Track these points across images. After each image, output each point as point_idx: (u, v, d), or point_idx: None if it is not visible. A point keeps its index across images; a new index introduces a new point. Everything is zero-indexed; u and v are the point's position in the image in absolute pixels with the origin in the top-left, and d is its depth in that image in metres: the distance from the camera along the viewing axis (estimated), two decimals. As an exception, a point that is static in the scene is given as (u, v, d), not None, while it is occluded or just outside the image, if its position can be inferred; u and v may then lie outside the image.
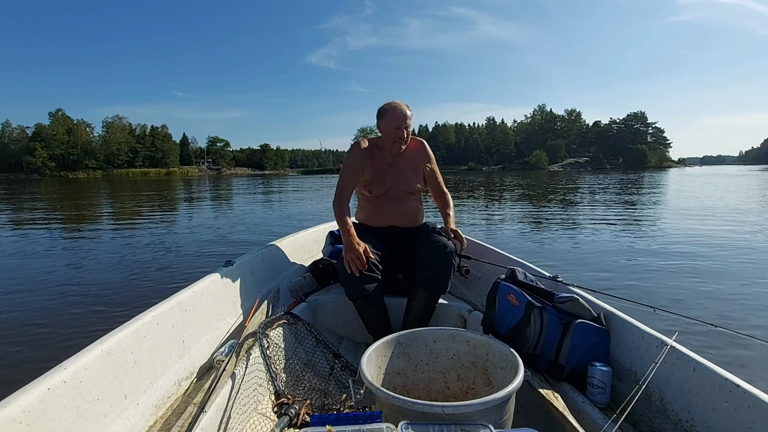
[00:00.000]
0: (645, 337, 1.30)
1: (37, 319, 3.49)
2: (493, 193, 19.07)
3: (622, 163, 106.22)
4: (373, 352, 1.32)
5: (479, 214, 11.07)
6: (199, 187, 30.39)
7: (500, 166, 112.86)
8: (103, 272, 5.04)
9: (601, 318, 1.42)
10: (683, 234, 7.44)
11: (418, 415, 1.04)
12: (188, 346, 1.43)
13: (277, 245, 2.40)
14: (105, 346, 1.09)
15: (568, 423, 1.11)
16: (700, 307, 3.63)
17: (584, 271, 4.86)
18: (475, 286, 2.24)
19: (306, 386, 1.53)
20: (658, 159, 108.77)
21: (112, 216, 11.81)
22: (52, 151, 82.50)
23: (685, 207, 12.29)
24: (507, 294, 1.58)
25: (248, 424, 1.38)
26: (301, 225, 2.92)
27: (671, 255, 5.75)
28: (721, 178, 36.37)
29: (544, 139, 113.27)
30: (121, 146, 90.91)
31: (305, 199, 18.13)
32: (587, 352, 1.36)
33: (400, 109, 2.01)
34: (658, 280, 4.49)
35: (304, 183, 37.71)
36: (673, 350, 1.17)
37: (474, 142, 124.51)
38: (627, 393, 1.26)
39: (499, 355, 1.33)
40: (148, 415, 1.17)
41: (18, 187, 33.90)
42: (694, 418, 1.07)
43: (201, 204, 16.12)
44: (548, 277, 1.79)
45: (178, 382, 1.32)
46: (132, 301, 3.86)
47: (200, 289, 1.57)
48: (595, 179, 35.03)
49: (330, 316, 2.12)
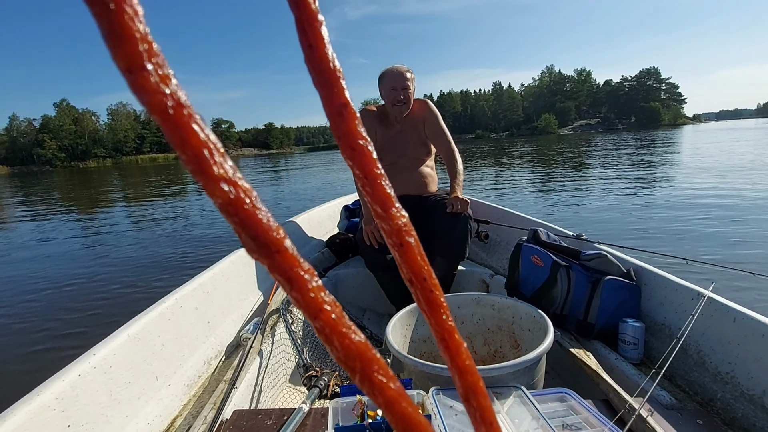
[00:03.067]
0: (679, 290, 1.26)
1: (62, 305, 3.58)
2: (502, 161, 18.80)
3: (635, 123, 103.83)
4: (397, 321, 1.31)
5: (490, 182, 10.94)
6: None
7: (508, 133, 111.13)
8: (122, 259, 5.11)
9: (630, 273, 1.39)
10: (705, 187, 7.25)
11: (447, 381, 1.03)
12: (213, 326, 1.43)
13: (293, 222, 2.39)
14: (131, 330, 1.09)
15: (603, 380, 1.09)
16: (736, 255, 3.51)
17: (608, 229, 4.75)
18: (495, 251, 2.21)
19: (332, 358, 1.53)
20: (672, 116, 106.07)
21: (127, 204, 11.94)
22: (61, 142, 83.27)
23: (703, 162, 11.98)
24: (531, 255, 1.55)
25: (279, 397, 1.39)
26: (314, 201, 2.90)
27: (697, 207, 5.59)
28: (739, 132, 35.32)
29: (553, 101, 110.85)
30: (128, 133, 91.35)
31: (313, 175, 18.10)
32: (617, 308, 1.33)
33: (397, 70, 1.95)
34: (687, 233, 4.36)
35: (310, 160, 37.63)
36: (711, 301, 1.14)
37: (480, 109, 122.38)
38: (660, 348, 1.23)
39: (526, 317, 1.31)
40: (180, 394, 1.18)
41: (31, 179, 34.41)
42: (735, 370, 1.04)
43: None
44: (572, 236, 1.74)
45: (207, 361, 1.34)
46: (153, 286, 3.92)
47: (220, 270, 1.58)
48: (607, 140, 34.31)
49: (351, 289, 2.12)
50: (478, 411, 0.17)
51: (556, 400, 0.97)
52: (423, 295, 0.16)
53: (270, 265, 0.14)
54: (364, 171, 0.15)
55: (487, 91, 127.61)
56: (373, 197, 0.16)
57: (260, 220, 0.13)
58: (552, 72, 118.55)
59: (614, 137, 40.34)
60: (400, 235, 0.16)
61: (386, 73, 1.97)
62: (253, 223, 0.13)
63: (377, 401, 0.15)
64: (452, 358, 0.17)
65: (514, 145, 39.50)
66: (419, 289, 0.16)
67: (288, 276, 0.14)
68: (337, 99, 0.15)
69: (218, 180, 0.12)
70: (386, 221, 0.16)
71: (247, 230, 0.13)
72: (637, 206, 6.02)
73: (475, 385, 0.17)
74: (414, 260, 0.16)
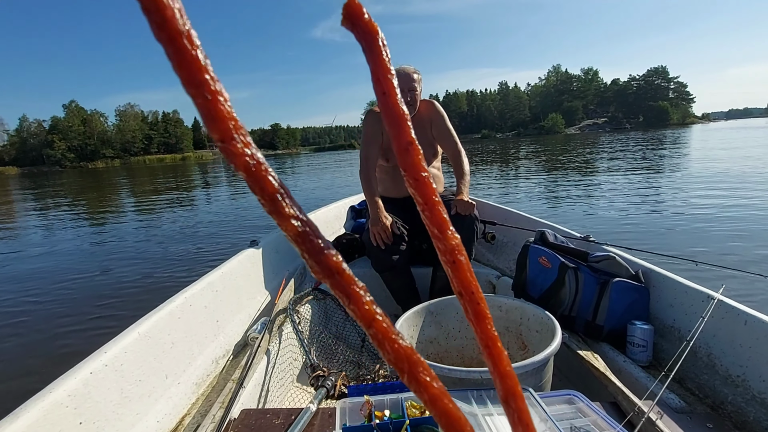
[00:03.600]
0: (688, 292, 1.25)
1: (73, 305, 3.61)
2: (509, 161, 18.73)
3: (643, 122, 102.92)
4: (404, 321, 1.31)
5: (496, 182, 10.90)
6: (215, 171, 30.67)
7: (515, 132, 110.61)
8: (131, 259, 5.15)
9: (639, 275, 1.38)
10: (714, 188, 7.15)
11: (455, 382, 1.03)
12: (222, 325, 1.45)
13: None
14: (142, 329, 1.11)
15: (611, 383, 1.08)
16: (746, 258, 3.48)
17: (616, 231, 4.71)
18: (502, 252, 2.21)
19: (339, 359, 1.54)
20: (681, 115, 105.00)
21: (136, 204, 12.03)
22: (70, 143, 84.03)
23: (712, 162, 11.84)
24: (538, 256, 1.54)
25: (286, 397, 1.40)
26: (320, 202, 2.92)
27: (706, 209, 5.53)
28: (749, 131, 34.90)
29: (560, 101, 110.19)
30: (136, 134, 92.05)
31: (319, 175, 18.14)
32: (626, 310, 1.32)
33: (403, 72, 1.94)
34: (696, 234, 4.32)
35: (316, 160, 37.70)
36: (721, 304, 1.13)
37: (487, 109, 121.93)
38: (669, 351, 1.22)
39: (534, 319, 1.31)
40: (189, 393, 1.19)
41: (42, 180, 34.78)
42: (746, 373, 1.03)
43: (218, 187, 16.29)
44: (579, 237, 1.74)
45: (215, 360, 1.35)
46: (163, 285, 3.95)
47: (229, 270, 1.59)
48: (614, 140, 34.05)
49: None
50: (516, 413, 0.19)
51: (564, 402, 0.96)
52: (471, 307, 0.19)
53: (332, 284, 0.16)
54: (425, 198, 0.18)
55: (494, 91, 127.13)
56: (432, 221, 0.18)
57: (323, 248, 0.16)
58: (559, 71, 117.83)
59: (622, 137, 40.01)
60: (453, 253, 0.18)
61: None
62: (318, 250, 0.16)
63: (422, 398, 0.17)
64: (495, 363, 0.19)
65: (520, 144, 39.33)
66: (468, 301, 0.19)
67: (347, 292, 0.16)
68: (404, 137, 0.18)
69: (289, 218, 0.16)
70: (442, 242, 0.18)
71: (314, 256, 0.16)
72: (645, 207, 5.97)
73: (514, 388, 0.19)
74: (464, 276, 0.18)
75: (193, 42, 0.14)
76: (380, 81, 0.17)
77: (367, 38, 0.17)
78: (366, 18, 0.17)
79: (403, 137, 0.17)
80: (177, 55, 0.14)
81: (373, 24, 0.17)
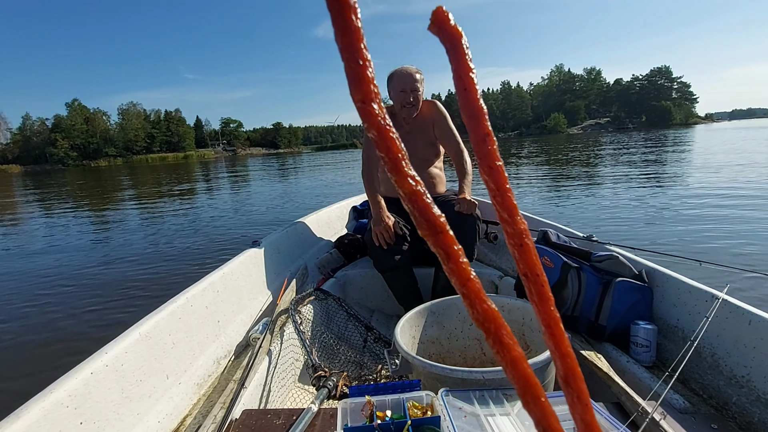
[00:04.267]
0: (692, 292, 1.24)
1: (74, 304, 3.62)
2: (511, 160, 18.69)
3: (646, 122, 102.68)
4: (406, 322, 1.31)
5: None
6: (217, 170, 30.73)
7: (517, 132, 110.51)
8: (133, 258, 5.16)
9: (642, 275, 1.37)
10: (718, 187, 7.12)
11: (456, 382, 1.02)
12: (223, 325, 1.44)
13: (302, 223, 2.40)
14: (143, 329, 1.10)
15: (614, 383, 1.08)
16: (751, 257, 3.46)
17: (619, 230, 4.70)
18: (504, 252, 2.20)
19: (341, 359, 1.54)
20: (684, 115, 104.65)
21: (138, 203, 12.04)
22: (73, 141, 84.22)
23: (716, 162, 11.80)
24: (540, 256, 1.53)
25: (288, 397, 1.40)
26: (323, 202, 2.91)
27: (710, 208, 5.51)
28: (753, 131, 34.76)
29: (563, 101, 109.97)
30: (138, 132, 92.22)
31: (321, 175, 18.14)
32: (629, 310, 1.32)
33: (406, 71, 1.94)
34: (700, 234, 4.30)
35: (318, 159, 37.71)
36: (725, 304, 1.12)
37: (489, 108, 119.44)
38: (673, 351, 1.21)
39: (537, 319, 1.30)
40: (191, 393, 1.19)
41: (45, 178, 34.88)
42: (751, 373, 1.03)
43: (221, 186, 16.31)
44: (582, 237, 1.73)
45: (216, 360, 1.34)
46: (164, 285, 3.96)
47: (230, 270, 1.58)
48: (617, 139, 33.96)
49: (359, 290, 2.12)
50: (575, 393, 0.20)
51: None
52: (535, 289, 0.20)
53: (434, 242, 0.18)
54: (497, 185, 0.19)
55: (496, 90, 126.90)
56: (503, 206, 0.20)
57: (431, 208, 0.18)
58: (561, 71, 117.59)
59: (624, 137, 39.91)
60: (521, 237, 0.20)
61: (395, 74, 1.96)
62: (426, 209, 0.18)
63: (504, 359, 0.18)
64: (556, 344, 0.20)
65: (522, 144, 39.26)
66: (533, 282, 0.20)
67: (447, 251, 0.18)
68: (482, 129, 0.19)
69: (406, 176, 0.18)
70: (510, 225, 0.20)
71: (423, 215, 0.18)
72: (648, 207, 5.94)
73: (574, 369, 0.20)
74: (531, 258, 0.20)
75: (357, 15, 0.16)
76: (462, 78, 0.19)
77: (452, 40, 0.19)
78: (452, 23, 0.19)
79: (480, 129, 0.19)
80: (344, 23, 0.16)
81: (458, 29, 0.19)
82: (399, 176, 0.18)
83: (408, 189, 0.18)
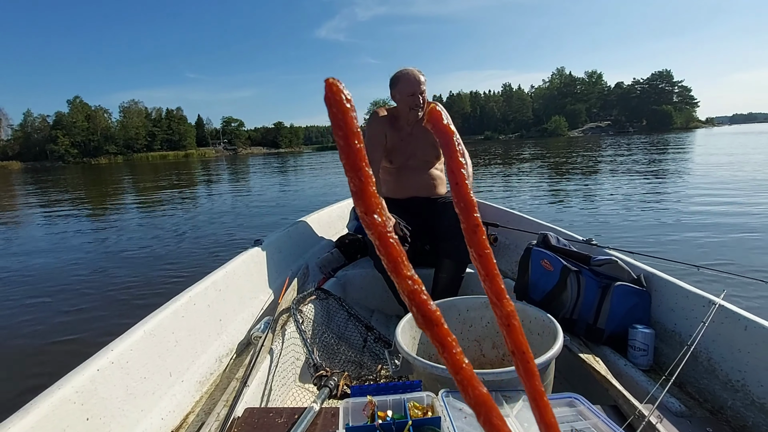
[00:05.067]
0: (690, 296, 1.26)
1: (76, 303, 3.63)
2: (511, 162, 18.70)
3: (646, 126, 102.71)
4: (406, 323, 1.32)
5: (499, 184, 10.89)
6: (218, 169, 30.73)
7: (518, 134, 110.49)
8: (135, 258, 5.17)
9: (641, 279, 1.38)
10: (717, 193, 7.15)
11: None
12: (225, 324, 1.46)
13: (303, 223, 2.41)
14: (147, 327, 1.12)
15: (612, 386, 1.09)
16: (748, 263, 3.48)
17: (618, 234, 4.72)
18: (504, 254, 2.21)
19: (341, 358, 1.55)
20: (684, 119, 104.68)
21: (139, 202, 12.05)
22: (74, 139, 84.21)
23: (715, 167, 11.81)
24: (540, 259, 1.55)
25: (289, 396, 1.41)
26: (324, 202, 2.92)
27: (709, 213, 5.53)
28: (753, 136, 34.76)
29: (564, 104, 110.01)
30: (139, 130, 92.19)
31: (322, 174, 18.15)
32: (627, 314, 1.33)
33: (413, 75, 1.94)
34: (698, 239, 4.32)
35: (319, 159, 37.71)
36: (722, 309, 1.13)
37: (490, 110, 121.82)
38: (670, 355, 1.23)
39: (536, 321, 1.31)
40: (193, 391, 1.20)
41: (45, 175, 34.86)
42: (746, 378, 1.04)
43: (221, 185, 16.31)
44: (582, 240, 1.74)
45: (218, 358, 1.36)
46: (166, 284, 3.97)
47: (232, 269, 1.60)
48: (617, 143, 33.97)
49: (360, 290, 2.13)
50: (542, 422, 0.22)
51: (565, 405, 0.97)
52: (522, 365, 0.22)
53: (431, 335, 0.19)
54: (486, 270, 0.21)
55: (497, 93, 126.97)
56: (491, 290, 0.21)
57: (428, 304, 0.19)
58: (562, 74, 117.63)
59: (625, 140, 39.91)
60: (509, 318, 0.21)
61: (401, 77, 1.96)
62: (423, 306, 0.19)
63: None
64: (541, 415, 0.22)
65: (523, 146, 39.26)
66: (519, 359, 0.22)
67: (443, 343, 0.19)
68: (472, 221, 0.21)
69: (406, 277, 0.19)
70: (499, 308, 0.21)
71: (420, 311, 0.19)
72: (647, 211, 5.96)
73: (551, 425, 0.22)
74: (518, 338, 0.21)
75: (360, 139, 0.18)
76: (454, 173, 0.21)
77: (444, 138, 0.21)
78: (444, 123, 0.21)
79: (470, 221, 0.21)
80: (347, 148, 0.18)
81: (450, 127, 0.21)
82: (399, 277, 0.19)
83: (407, 288, 0.19)
